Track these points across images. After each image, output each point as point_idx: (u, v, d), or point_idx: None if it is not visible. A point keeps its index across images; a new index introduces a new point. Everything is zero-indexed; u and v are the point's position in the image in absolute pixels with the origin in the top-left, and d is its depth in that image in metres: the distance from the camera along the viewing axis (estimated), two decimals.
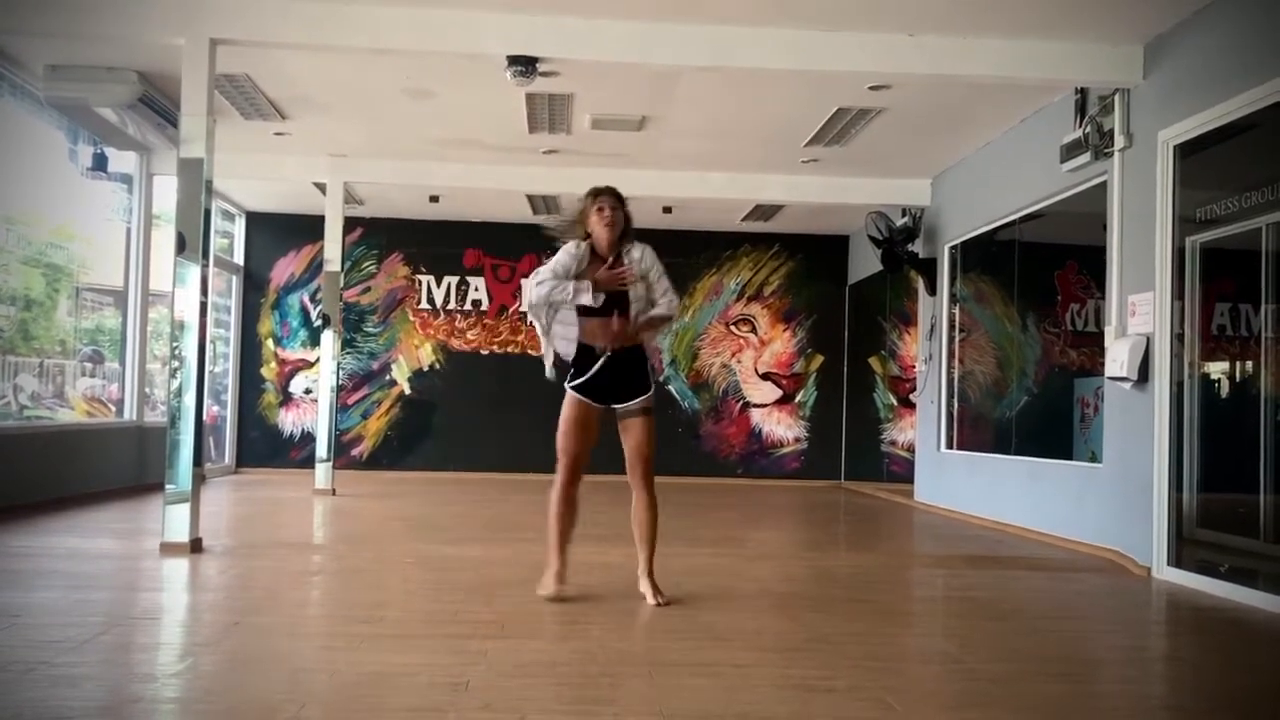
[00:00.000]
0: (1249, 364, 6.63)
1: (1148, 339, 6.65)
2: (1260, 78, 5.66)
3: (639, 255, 5.09)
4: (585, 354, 5.03)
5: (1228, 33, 6.07)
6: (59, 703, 3.19)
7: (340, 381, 12.41)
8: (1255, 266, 6.06)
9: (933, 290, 10.78)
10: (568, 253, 5.09)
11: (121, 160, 10.17)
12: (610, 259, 5.07)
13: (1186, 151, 6.46)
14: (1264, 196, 5.89)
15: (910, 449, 12.05)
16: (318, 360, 12.17)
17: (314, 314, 13.45)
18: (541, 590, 5.01)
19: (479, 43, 6.82)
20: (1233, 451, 6.45)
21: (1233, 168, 6.37)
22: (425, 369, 13.82)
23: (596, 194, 5.20)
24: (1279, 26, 5.60)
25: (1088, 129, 7.31)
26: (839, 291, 14.09)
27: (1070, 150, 7.55)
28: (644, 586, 5.03)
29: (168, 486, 6.37)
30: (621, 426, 5.11)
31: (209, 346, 7.43)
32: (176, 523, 6.28)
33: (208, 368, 7.10)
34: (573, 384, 5.06)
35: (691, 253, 13.82)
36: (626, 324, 4.95)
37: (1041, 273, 9.28)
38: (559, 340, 5.12)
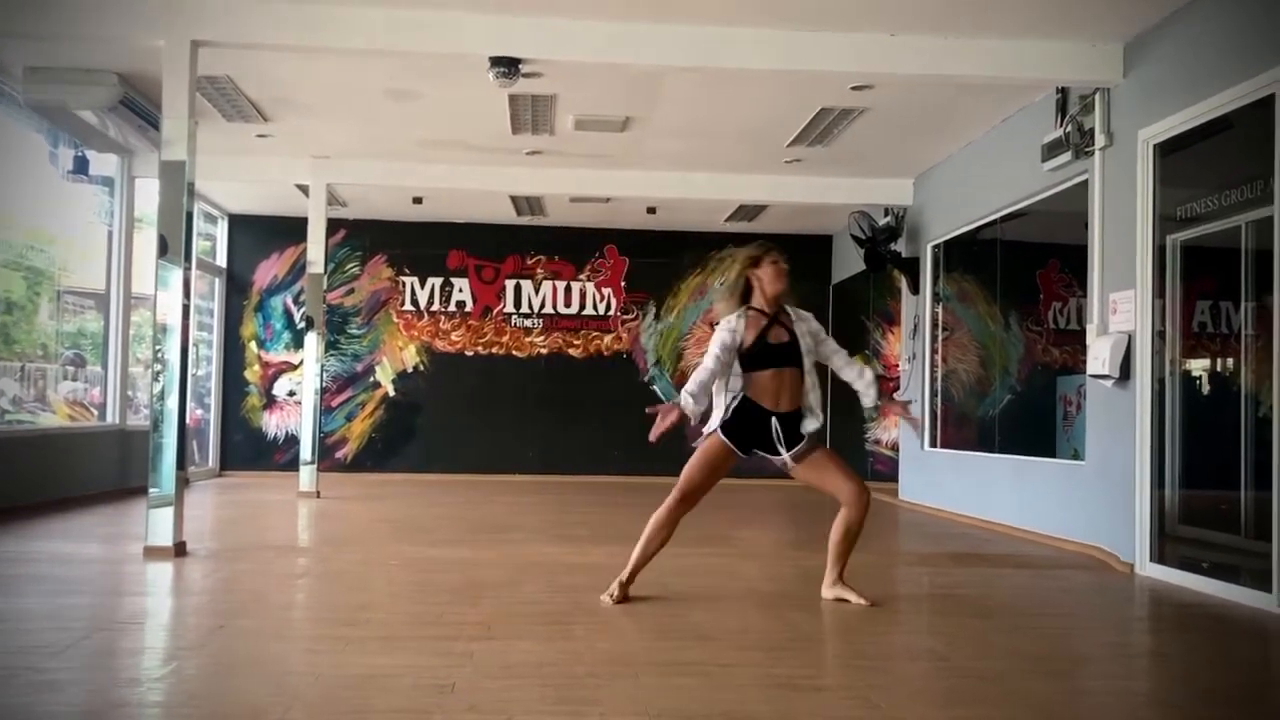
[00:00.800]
0: (1229, 361, 6.66)
1: (1129, 337, 6.69)
2: (1239, 76, 5.69)
3: (807, 325, 5.11)
4: (746, 407, 4.98)
5: (1207, 32, 6.11)
6: (43, 708, 3.17)
7: (324, 384, 12.37)
8: (1235, 264, 6.09)
9: (916, 289, 10.81)
10: (729, 331, 4.96)
11: (103, 163, 10.12)
12: (771, 318, 5.05)
13: (1167, 150, 6.49)
14: (1243, 194, 5.92)
15: (894, 448, 12.08)
16: (301, 363, 12.14)
17: (297, 316, 13.41)
18: (609, 596, 5.03)
19: (461, 43, 6.80)
20: (1214, 448, 6.48)
21: (1212, 166, 6.41)
22: (409, 370, 13.79)
23: (767, 248, 5.22)
24: (1257, 26, 5.65)
25: (1069, 128, 7.35)
26: (822, 291, 14.11)
27: (1051, 149, 7.59)
28: (843, 592, 5.18)
29: (151, 490, 6.34)
30: (805, 467, 5.12)
31: (192, 349, 7.40)
32: (160, 526, 6.26)
33: (191, 371, 7.06)
34: (725, 431, 5.01)
35: (676, 253, 13.83)
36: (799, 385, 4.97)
37: (1024, 271, 9.31)
38: (717, 395, 5.03)
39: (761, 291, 5.11)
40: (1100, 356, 6.85)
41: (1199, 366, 6.90)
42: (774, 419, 4.97)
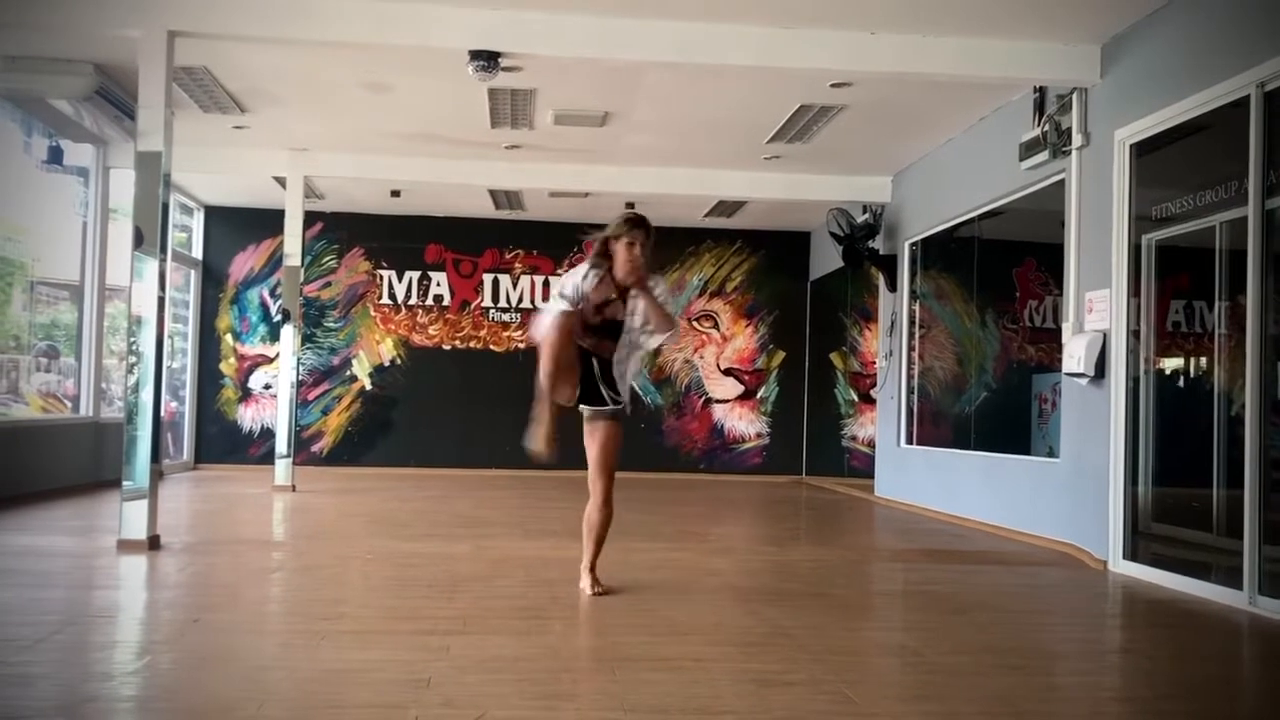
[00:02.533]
0: (1203, 360, 6.73)
1: (1104, 335, 6.73)
2: (1214, 78, 5.74)
3: (661, 291, 5.04)
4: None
5: (1183, 34, 6.16)
6: (13, 702, 3.15)
7: (300, 377, 12.32)
8: (1209, 264, 6.15)
9: (893, 287, 10.85)
10: (580, 276, 4.94)
11: (77, 153, 10.04)
12: (619, 293, 4.97)
13: (1142, 150, 6.54)
14: (1217, 195, 5.97)
15: (870, 444, 12.13)
16: (277, 356, 12.09)
17: (274, 309, 13.34)
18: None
19: (440, 36, 6.77)
20: (1187, 446, 6.55)
21: (1187, 167, 6.46)
22: (386, 364, 13.75)
23: (631, 226, 4.98)
24: (1233, 28, 5.69)
25: (1046, 127, 7.38)
26: (800, 287, 14.16)
27: (1029, 148, 7.63)
28: (585, 581, 5.11)
29: (125, 483, 6.30)
30: (588, 430, 5.07)
31: (167, 342, 7.35)
32: (134, 519, 6.22)
33: (166, 363, 7.02)
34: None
35: (654, 248, 13.81)
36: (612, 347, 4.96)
37: (1000, 269, 9.37)
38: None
39: (615, 271, 4.99)
40: (1076, 355, 6.90)
41: (1173, 365, 6.96)
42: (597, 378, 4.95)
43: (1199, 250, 6.30)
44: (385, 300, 13.76)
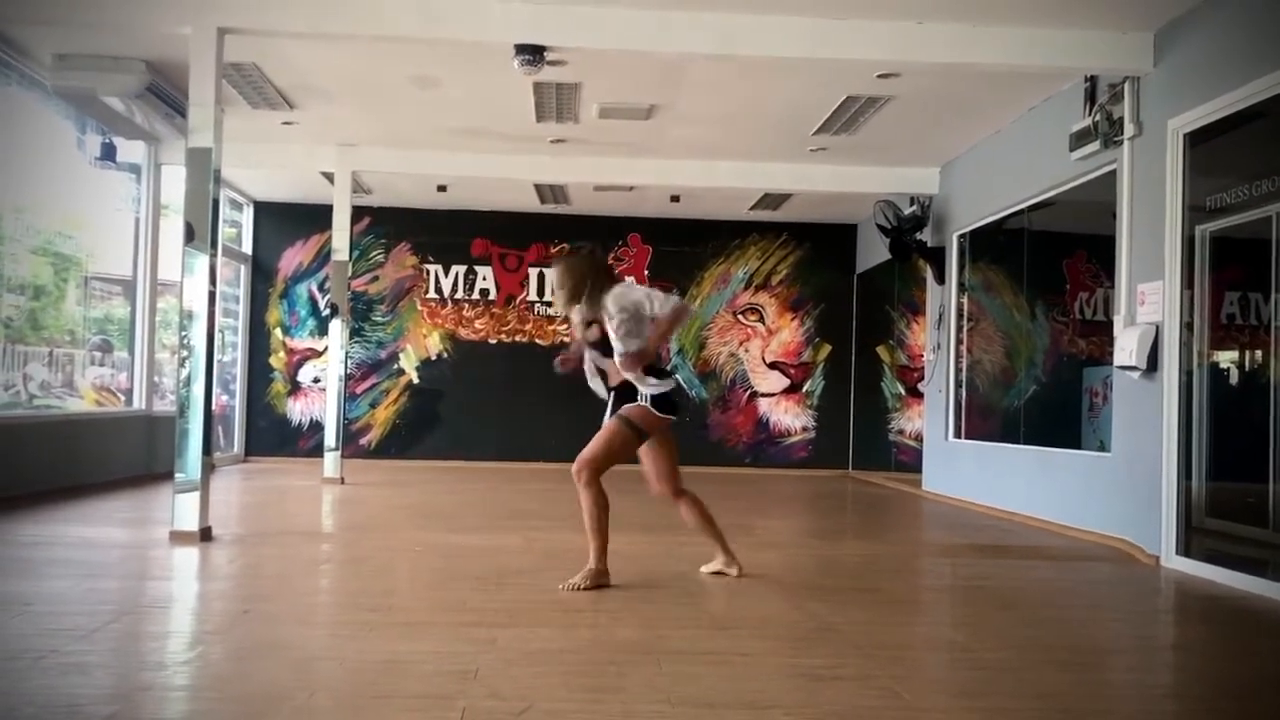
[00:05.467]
0: (1258, 353, 6.61)
1: (1157, 328, 6.63)
2: (1270, 65, 5.63)
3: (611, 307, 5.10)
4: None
5: (1238, 20, 6.04)
6: (70, 690, 3.20)
7: (348, 370, 12.43)
8: (1265, 255, 6.03)
9: (941, 279, 10.75)
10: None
11: (129, 150, 10.18)
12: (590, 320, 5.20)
13: (1196, 140, 6.43)
14: (1274, 185, 5.86)
15: (918, 438, 12.04)
16: (326, 349, 12.22)
17: (322, 303, 13.46)
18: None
19: (486, 31, 6.80)
20: (1242, 440, 6.44)
21: (1243, 156, 6.34)
22: (433, 358, 13.83)
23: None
24: None
25: (1097, 117, 7.28)
26: (847, 280, 14.07)
27: (1079, 138, 7.53)
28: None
29: (177, 475, 6.39)
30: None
31: (217, 336, 7.44)
32: (186, 511, 6.30)
33: (216, 357, 7.11)
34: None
35: (699, 242, 13.83)
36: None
37: (1050, 262, 9.26)
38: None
39: None
40: (1127, 347, 6.80)
41: (1227, 358, 6.84)
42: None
43: (1254, 241, 6.18)
44: (432, 294, 13.84)
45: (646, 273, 13.86)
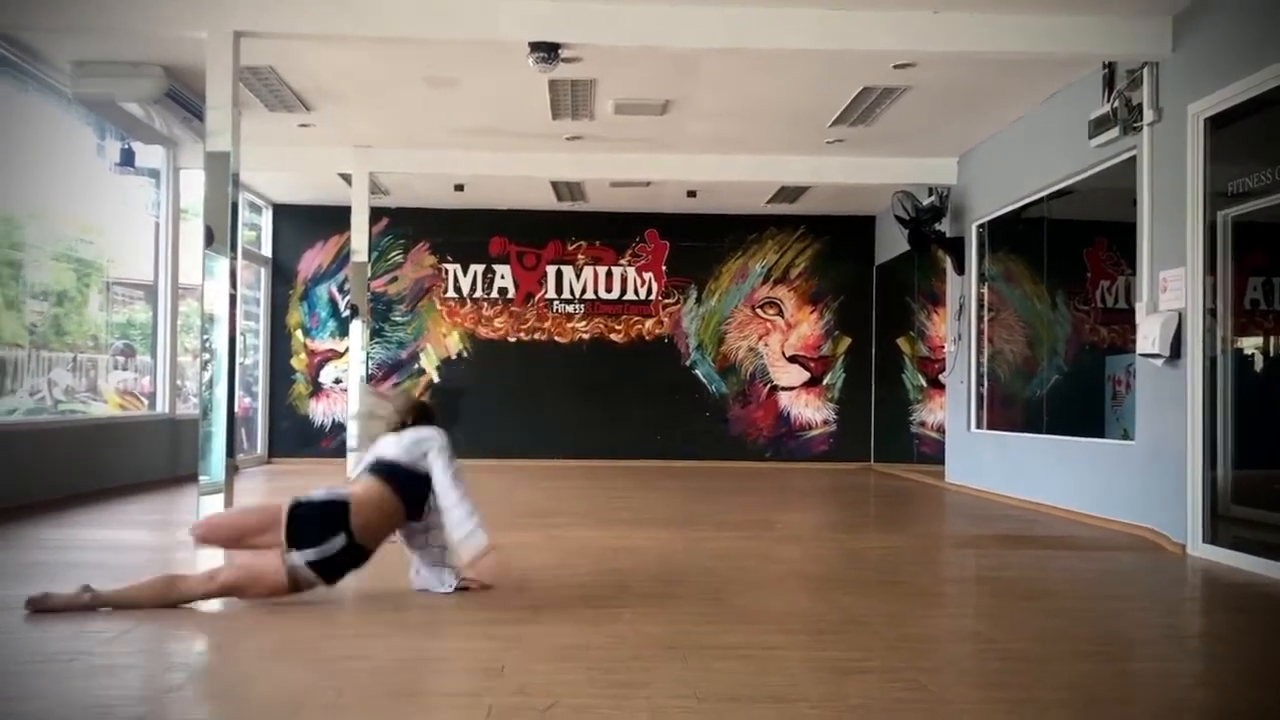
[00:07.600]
0: None
1: (1179, 315, 6.59)
2: None
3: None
4: None
5: (1256, 3, 5.99)
6: (100, 691, 3.23)
7: (369, 371, 12.47)
8: None
9: (961, 270, 10.71)
10: None
11: (149, 155, 10.24)
12: None
13: (1217, 124, 6.38)
14: None
15: (940, 430, 11.99)
16: (346, 350, 12.27)
17: (342, 304, 13.52)
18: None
19: (500, 29, 6.81)
20: (1267, 427, 6.39)
21: (1264, 140, 6.29)
22: (453, 357, 13.87)
23: None
24: None
25: (1116, 103, 7.24)
26: (866, 272, 14.03)
27: (1098, 125, 7.48)
28: None
29: (201, 477, 6.43)
30: None
31: (239, 338, 7.47)
32: (210, 513, 6.33)
33: (238, 360, 7.14)
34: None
35: (716, 236, 13.82)
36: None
37: (1071, 250, 9.20)
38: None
39: None
40: (1150, 335, 6.76)
41: (1251, 344, 6.79)
42: None
43: (1277, 226, 6.14)
44: (451, 294, 13.87)
45: (665, 268, 13.87)
